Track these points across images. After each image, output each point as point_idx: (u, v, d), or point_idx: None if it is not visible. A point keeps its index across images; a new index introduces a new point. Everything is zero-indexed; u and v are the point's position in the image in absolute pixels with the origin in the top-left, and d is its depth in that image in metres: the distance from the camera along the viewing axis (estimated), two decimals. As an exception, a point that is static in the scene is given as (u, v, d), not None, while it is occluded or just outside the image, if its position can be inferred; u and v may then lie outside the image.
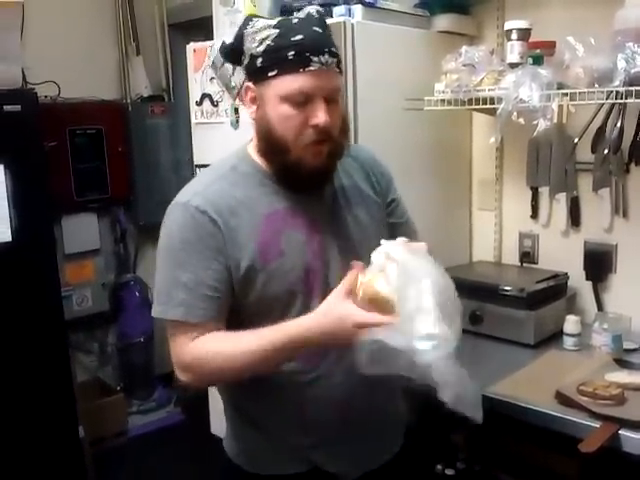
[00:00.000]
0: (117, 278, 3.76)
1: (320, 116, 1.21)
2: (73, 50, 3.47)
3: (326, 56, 1.22)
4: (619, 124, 2.05)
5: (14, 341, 2.64)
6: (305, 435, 1.34)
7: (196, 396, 3.50)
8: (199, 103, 2.48)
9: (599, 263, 2.24)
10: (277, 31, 1.22)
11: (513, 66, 1.95)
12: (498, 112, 1.89)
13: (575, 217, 2.29)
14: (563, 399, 1.63)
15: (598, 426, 1.51)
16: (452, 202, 2.51)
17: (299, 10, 2.20)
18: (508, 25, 2.01)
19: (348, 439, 1.35)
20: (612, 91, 1.76)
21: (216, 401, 2.76)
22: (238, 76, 2.27)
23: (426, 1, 2.31)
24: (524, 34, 1.98)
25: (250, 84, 1.28)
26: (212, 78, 2.39)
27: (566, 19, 2.16)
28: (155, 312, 1.27)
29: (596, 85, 1.77)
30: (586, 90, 1.79)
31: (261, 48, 1.22)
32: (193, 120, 2.53)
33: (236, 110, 2.33)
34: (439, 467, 1.83)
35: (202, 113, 2.48)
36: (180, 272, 1.24)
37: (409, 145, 2.23)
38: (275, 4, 2.25)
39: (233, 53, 1.32)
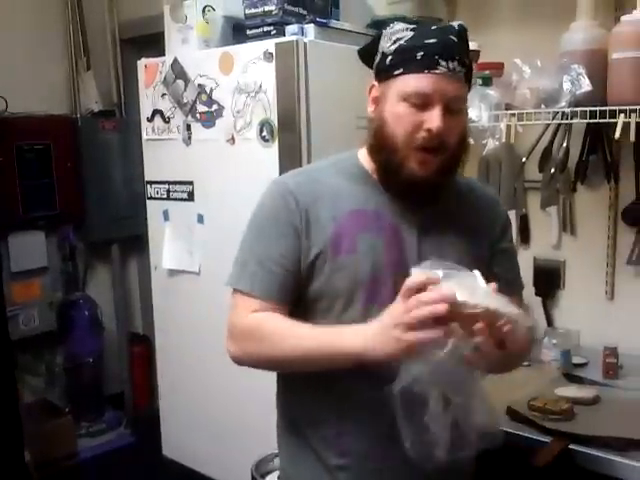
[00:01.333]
0: (65, 297, 3.67)
1: (435, 121, 1.17)
2: (21, 64, 3.40)
3: (455, 63, 1.18)
4: (565, 144, 2.10)
5: (-44, 363, 2.55)
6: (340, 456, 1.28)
7: (147, 417, 3.44)
8: (150, 119, 2.45)
9: (548, 279, 2.28)
10: (412, 33, 1.21)
11: (463, 86, 1.98)
12: (449, 131, 1.92)
13: (524, 234, 2.33)
14: (514, 415, 1.65)
15: (549, 441, 1.53)
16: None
17: (251, 29, 2.20)
18: (458, 46, 2.04)
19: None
20: (558, 112, 1.80)
21: (167, 422, 2.72)
22: (190, 92, 2.26)
23: (377, 21, 2.34)
24: (473, 55, 2.01)
25: (375, 83, 1.27)
26: (164, 94, 2.37)
27: (514, 41, 2.21)
28: (228, 280, 1.30)
29: (543, 106, 1.82)
30: (533, 111, 1.84)
31: (393, 47, 1.21)
32: (144, 136, 2.50)
33: (188, 127, 2.30)
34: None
35: (153, 129, 2.45)
36: (256, 244, 1.29)
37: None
38: (227, 22, 2.25)
39: (367, 54, 1.30)
